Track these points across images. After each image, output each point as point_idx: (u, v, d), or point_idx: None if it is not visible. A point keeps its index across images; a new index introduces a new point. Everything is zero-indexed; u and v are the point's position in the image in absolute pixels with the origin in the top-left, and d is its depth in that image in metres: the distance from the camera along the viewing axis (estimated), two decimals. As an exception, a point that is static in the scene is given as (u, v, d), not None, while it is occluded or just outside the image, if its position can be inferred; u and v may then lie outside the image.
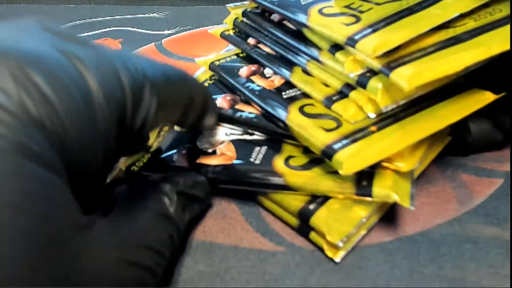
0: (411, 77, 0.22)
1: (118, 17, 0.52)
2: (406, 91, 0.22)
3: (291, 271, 0.23)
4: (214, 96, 0.30)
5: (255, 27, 0.32)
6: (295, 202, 0.24)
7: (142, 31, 0.49)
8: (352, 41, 0.24)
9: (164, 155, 0.28)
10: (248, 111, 0.29)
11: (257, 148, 0.27)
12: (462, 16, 0.25)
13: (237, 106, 0.29)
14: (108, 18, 0.52)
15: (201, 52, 0.43)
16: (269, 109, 0.27)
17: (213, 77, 0.33)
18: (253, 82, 0.30)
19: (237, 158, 0.26)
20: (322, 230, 0.23)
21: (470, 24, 0.25)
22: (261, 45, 0.32)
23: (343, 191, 0.24)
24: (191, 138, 0.29)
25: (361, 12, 0.26)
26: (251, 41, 0.32)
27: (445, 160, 0.28)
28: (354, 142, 0.24)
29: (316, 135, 0.25)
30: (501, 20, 0.25)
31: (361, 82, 0.24)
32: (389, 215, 0.25)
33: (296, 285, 0.22)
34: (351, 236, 0.23)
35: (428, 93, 0.25)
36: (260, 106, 0.28)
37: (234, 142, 0.28)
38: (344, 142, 0.24)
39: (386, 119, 0.25)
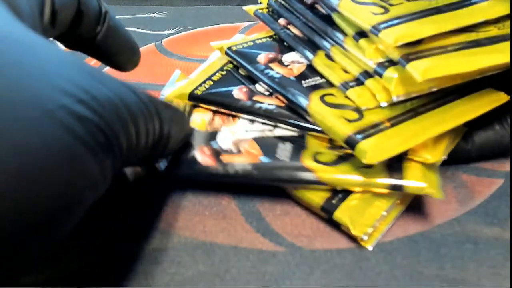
0: (425, 70, 0.23)
1: (118, 17, 0.52)
2: (419, 83, 0.23)
3: (291, 271, 0.23)
4: (229, 88, 0.30)
5: (288, 7, 0.33)
6: (316, 198, 0.25)
7: (142, 31, 0.49)
8: (376, 30, 0.25)
9: (184, 155, 0.27)
10: (268, 103, 0.29)
11: (281, 145, 0.27)
12: (487, 23, 0.26)
13: (255, 98, 0.29)
14: (108, 18, 0.52)
15: (201, 52, 0.43)
16: (290, 96, 0.28)
17: (225, 67, 0.33)
18: (272, 69, 0.30)
19: (262, 156, 0.26)
20: (346, 224, 0.23)
21: (493, 31, 0.26)
22: (290, 27, 0.33)
23: (376, 184, 0.24)
24: (211, 137, 0.28)
25: (391, 5, 0.27)
26: (281, 21, 0.33)
27: (445, 160, 0.28)
28: (377, 133, 0.24)
29: (339, 124, 0.25)
30: None
31: (378, 71, 0.25)
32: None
33: (296, 285, 0.22)
34: (375, 229, 0.24)
35: (445, 90, 0.26)
36: (281, 94, 0.28)
37: (256, 139, 0.27)
38: (367, 132, 0.24)
39: (407, 113, 0.26)
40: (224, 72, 0.32)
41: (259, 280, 0.22)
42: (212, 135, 0.28)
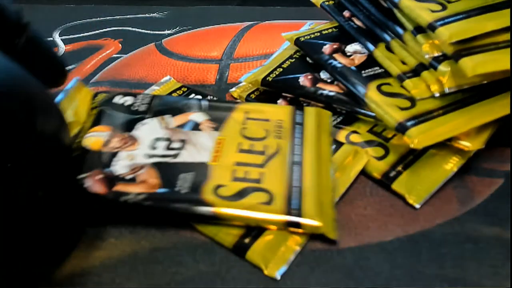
0: (474, 66, 0.25)
1: (118, 17, 0.52)
2: (468, 78, 0.25)
3: (292, 271, 0.23)
4: (296, 75, 0.32)
5: (352, 1, 0.34)
6: (228, 237, 0.24)
7: (142, 31, 0.49)
8: (433, 27, 0.26)
9: (78, 177, 0.25)
10: (329, 90, 0.31)
11: (183, 175, 0.25)
12: None
13: (318, 85, 0.31)
14: (108, 18, 0.52)
15: (201, 52, 0.43)
16: (349, 86, 0.30)
17: (294, 56, 0.35)
18: (335, 59, 0.32)
19: (161, 186, 0.25)
20: (259, 264, 0.23)
21: None
22: (354, 19, 0.34)
23: (274, 221, 0.24)
24: (106, 161, 0.26)
25: (449, 2, 0.29)
26: (346, 13, 0.35)
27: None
28: (426, 121, 0.26)
29: (391, 112, 0.27)
30: None
31: (434, 64, 0.27)
32: (389, 215, 0.25)
33: (297, 285, 0.22)
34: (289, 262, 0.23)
35: (492, 83, 0.27)
36: (341, 83, 0.30)
37: (156, 165, 0.26)
38: (416, 120, 0.26)
39: (454, 104, 0.27)
40: (293, 60, 0.35)
41: (260, 280, 0.22)
42: (108, 158, 0.26)
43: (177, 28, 0.49)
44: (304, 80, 0.32)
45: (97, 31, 0.49)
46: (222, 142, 0.27)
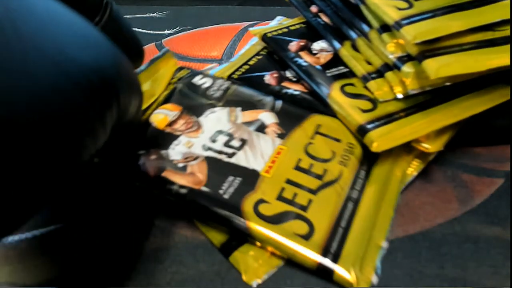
0: (438, 68, 0.24)
1: (118, 17, 0.52)
2: (431, 80, 0.25)
3: (292, 271, 0.23)
4: (262, 73, 0.32)
5: None
6: (219, 236, 0.24)
7: (142, 31, 0.49)
8: (398, 25, 0.26)
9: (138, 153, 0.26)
10: (294, 89, 0.30)
11: (231, 178, 0.24)
12: (505, 22, 0.27)
13: (283, 83, 0.31)
14: (108, 18, 0.52)
15: (202, 51, 0.43)
16: (313, 85, 0.29)
17: (261, 52, 0.34)
18: (301, 57, 0.31)
19: (206, 185, 0.24)
20: (239, 269, 0.22)
21: (509, 31, 0.27)
22: (321, 15, 0.33)
23: (307, 258, 0.22)
24: (165, 142, 0.26)
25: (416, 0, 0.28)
26: (313, 9, 0.34)
27: (445, 160, 0.28)
28: (386, 124, 0.26)
29: (353, 114, 0.27)
30: None
31: (397, 64, 0.26)
32: (389, 214, 0.25)
33: (297, 285, 0.22)
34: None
35: (455, 84, 0.26)
36: (306, 82, 0.30)
37: (209, 160, 0.25)
38: (377, 123, 0.26)
39: (415, 107, 0.27)
40: (260, 57, 0.34)
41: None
42: (168, 140, 0.26)
43: (177, 28, 0.49)
44: (269, 78, 0.31)
45: (97, 31, 0.49)
46: (281, 153, 0.26)
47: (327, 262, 0.21)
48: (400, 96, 0.26)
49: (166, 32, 0.48)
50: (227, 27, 0.48)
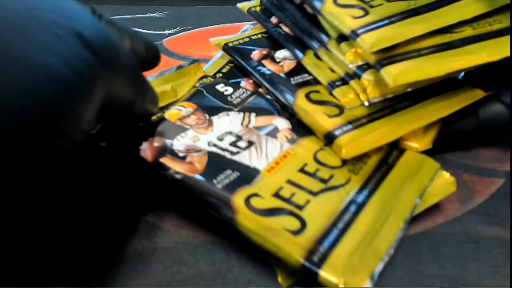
0: (397, 76, 0.24)
1: (118, 17, 0.52)
2: (391, 87, 0.24)
3: (292, 271, 0.23)
4: (236, 80, 0.31)
5: (279, 6, 0.33)
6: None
7: (142, 31, 0.49)
8: (355, 34, 0.26)
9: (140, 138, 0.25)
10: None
11: (228, 172, 0.24)
12: (462, 23, 0.27)
13: (261, 90, 0.30)
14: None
15: (202, 52, 0.43)
16: (277, 94, 0.29)
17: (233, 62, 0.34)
18: (264, 66, 0.31)
19: (201, 174, 0.24)
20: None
21: (468, 31, 0.27)
22: (281, 25, 0.33)
23: (291, 255, 0.20)
24: (172, 133, 0.26)
25: (371, 6, 0.28)
26: (273, 20, 0.34)
27: (445, 160, 0.28)
28: (354, 129, 0.25)
29: (320, 120, 0.26)
30: (498, 31, 0.27)
31: (358, 73, 0.26)
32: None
33: (297, 285, 0.22)
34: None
35: (422, 88, 0.26)
36: (269, 90, 0.29)
37: (210, 154, 0.25)
38: (345, 128, 0.25)
39: (384, 110, 0.26)
40: (232, 65, 0.33)
41: (260, 280, 0.22)
42: (176, 131, 0.26)
43: (177, 28, 0.49)
44: (246, 84, 0.31)
45: (97, 31, 0.49)
46: (288, 156, 0.25)
47: (312, 262, 0.20)
48: (366, 103, 0.26)
49: (167, 32, 0.48)
50: (227, 27, 0.48)
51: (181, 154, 0.25)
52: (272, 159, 0.25)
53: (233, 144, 0.26)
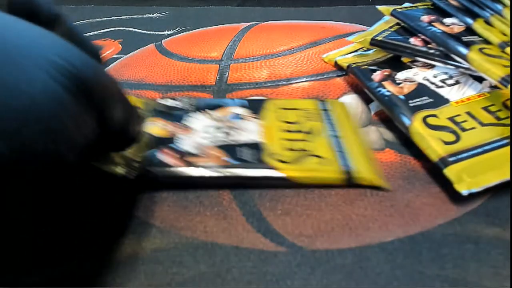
0: None
1: (118, 17, 0.52)
2: None
3: (292, 272, 0.23)
4: (406, 37, 0.36)
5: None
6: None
7: (142, 31, 0.49)
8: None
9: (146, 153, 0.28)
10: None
11: (239, 148, 0.28)
12: None
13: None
14: (108, 18, 0.52)
15: (202, 52, 0.43)
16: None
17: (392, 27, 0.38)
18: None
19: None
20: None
21: None
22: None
23: (334, 178, 0.27)
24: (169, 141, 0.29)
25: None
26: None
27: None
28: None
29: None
30: None
31: None
32: (389, 215, 0.25)
33: (297, 286, 0.22)
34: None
35: None
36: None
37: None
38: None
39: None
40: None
41: (260, 280, 0.22)
42: (169, 140, 0.29)
43: (177, 29, 0.49)
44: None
45: (97, 32, 0.49)
46: (265, 126, 0.30)
47: (353, 174, 0.26)
48: None
49: (166, 32, 0.48)
50: (227, 27, 0.48)
51: (195, 152, 0.28)
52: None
53: (220, 131, 0.30)
